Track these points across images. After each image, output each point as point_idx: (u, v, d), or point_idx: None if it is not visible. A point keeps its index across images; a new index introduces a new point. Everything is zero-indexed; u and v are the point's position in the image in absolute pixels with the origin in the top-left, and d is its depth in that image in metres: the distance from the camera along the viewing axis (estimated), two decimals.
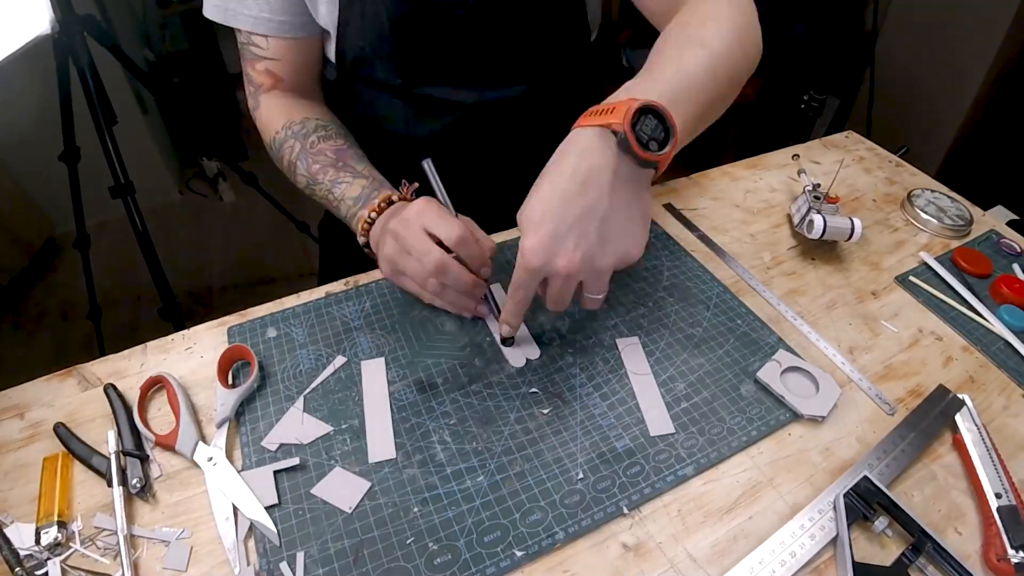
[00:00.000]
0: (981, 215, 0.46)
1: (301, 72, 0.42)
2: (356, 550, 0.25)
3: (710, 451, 0.30)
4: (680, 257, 0.41)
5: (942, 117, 1.10)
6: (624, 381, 0.33)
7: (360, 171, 0.38)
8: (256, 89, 0.42)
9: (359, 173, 0.38)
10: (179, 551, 0.26)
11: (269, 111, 0.42)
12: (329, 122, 0.41)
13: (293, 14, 0.38)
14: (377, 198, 0.36)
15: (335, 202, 0.38)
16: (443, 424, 0.30)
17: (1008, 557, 0.26)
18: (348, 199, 0.37)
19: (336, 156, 0.39)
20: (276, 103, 0.42)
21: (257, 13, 0.38)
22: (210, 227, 1.36)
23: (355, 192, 0.37)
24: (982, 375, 0.34)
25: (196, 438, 0.29)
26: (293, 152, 0.40)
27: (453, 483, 0.28)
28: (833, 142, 0.54)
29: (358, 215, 0.36)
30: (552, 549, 0.26)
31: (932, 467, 0.30)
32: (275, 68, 0.41)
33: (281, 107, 0.41)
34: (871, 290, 0.39)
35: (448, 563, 0.25)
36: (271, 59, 0.40)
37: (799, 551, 0.26)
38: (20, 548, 0.26)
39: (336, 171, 0.38)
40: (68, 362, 0.33)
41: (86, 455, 0.28)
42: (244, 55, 0.41)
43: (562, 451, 0.29)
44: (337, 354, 0.34)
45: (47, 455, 0.29)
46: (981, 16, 0.98)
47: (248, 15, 0.38)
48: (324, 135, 0.40)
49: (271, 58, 0.40)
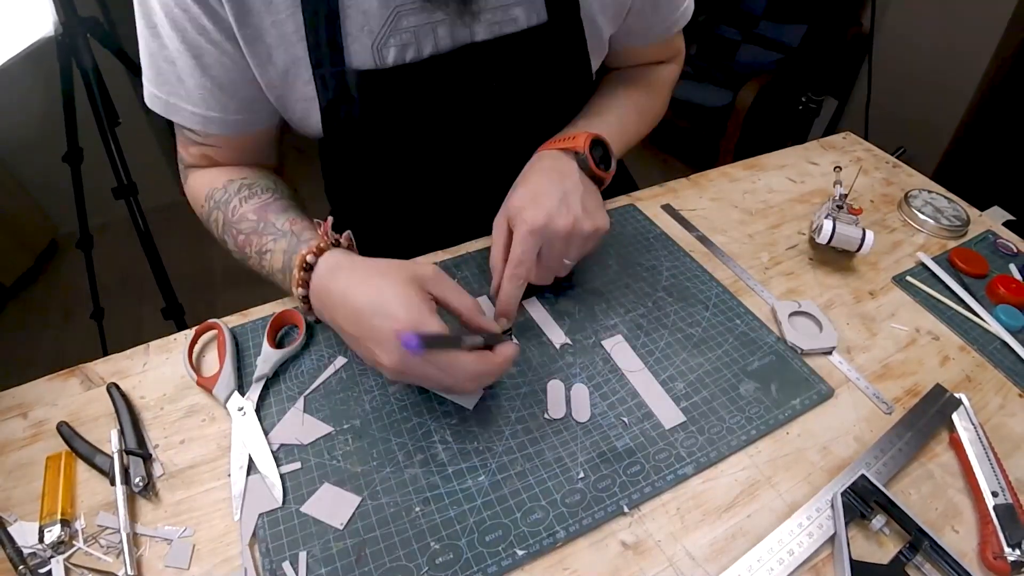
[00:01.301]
0: (978, 215, 0.46)
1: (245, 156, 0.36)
2: (358, 549, 0.26)
3: (709, 450, 0.30)
4: (679, 257, 0.41)
5: (939, 118, 1.11)
6: (624, 380, 0.33)
7: (281, 227, 0.32)
8: (186, 168, 0.37)
9: (280, 231, 0.32)
10: (182, 549, 0.26)
11: (196, 185, 0.36)
12: (256, 179, 0.35)
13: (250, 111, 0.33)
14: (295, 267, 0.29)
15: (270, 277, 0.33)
16: (444, 424, 0.30)
17: (1005, 555, 0.26)
18: (277, 273, 0.32)
19: (258, 217, 0.33)
20: (202, 175, 0.36)
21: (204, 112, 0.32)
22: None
23: (279, 263, 0.31)
24: (979, 374, 0.35)
25: (233, 387, 0.31)
26: (219, 226, 0.34)
27: (454, 482, 0.28)
28: (831, 143, 0.54)
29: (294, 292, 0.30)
30: (553, 548, 0.26)
31: (929, 466, 0.30)
32: (211, 153, 0.36)
33: (206, 176, 0.36)
34: (868, 290, 0.40)
35: (450, 562, 0.25)
36: (208, 146, 0.35)
37: (797, 549, 0.26)
38: (24, 546, 0.26)
39: (259, 237, 0.32)
40: (71, 362, 0.33)
41: (89, 454, 0.29)
42: (177, 133, 0.35)
43: (563, 450, 0.29)
44: (337, 354, 0.34)
45: (50, 454, 0.29)
46: (978, 18, 0.99)
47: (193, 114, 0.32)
48: (247, 195, 0.34)
49: (208, 144, 0.35)
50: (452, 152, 0.40)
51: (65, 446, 0.29)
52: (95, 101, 0.78)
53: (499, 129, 0.39)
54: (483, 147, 0.40)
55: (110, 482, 0.28)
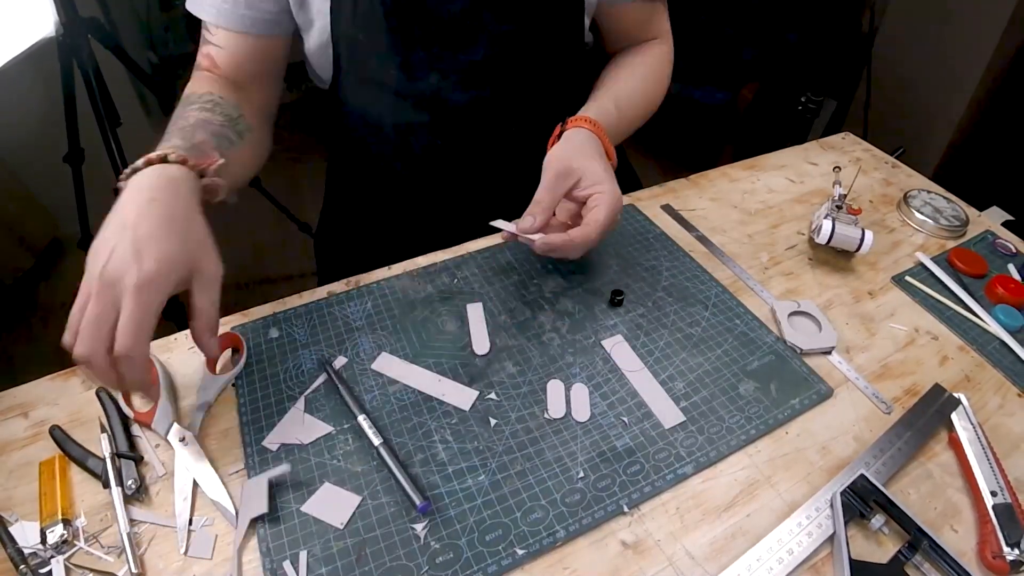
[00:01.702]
0: (977, 216, 0.46)
1: (241, 67, 0.39)
2: (358, 549, 0.26)
3: (709, 450, 0.30)
4: (679, 258, 0.41)
5: (938, 119, 1.11)
6: (624, 380, 0.33)
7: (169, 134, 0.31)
8: (195, 69, 0.40)
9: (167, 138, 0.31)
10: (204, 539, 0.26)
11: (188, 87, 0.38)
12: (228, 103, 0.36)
13: (258, 9, 0.36)
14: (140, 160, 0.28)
15: None
16: (444, 423, 0.31)
17: (1003, 554, 0.26)
18: None
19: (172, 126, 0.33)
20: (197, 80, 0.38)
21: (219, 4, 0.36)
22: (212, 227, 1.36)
23: None
24: (978, 374, 0.35)
25: (172, 418, 0.30)
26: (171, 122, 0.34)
27: (455, 482, 0.28)
28: (830, 143, 0.54)
29: None
30: (553, 547, 0.26)
31: (928, 465, 0.30)
32: (215, 54, 0.38)
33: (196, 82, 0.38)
34: (868, 290, 0.40)
35: (450, 561, 0.25)
36: (215, 46, 0.38)
37: (796, 549, 0.26)
38: (25, 546, 0.26)
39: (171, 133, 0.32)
40: (72, 362, 0.33)
41: (82, 457, 0.29)
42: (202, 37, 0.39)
43: (562, 450, 0.30)
44: (338, 354, 0.34)
45: (43, 460, 0.29)
46: (977, 18, 0.99)
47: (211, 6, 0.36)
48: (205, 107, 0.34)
49: (216, 44, 0.38)
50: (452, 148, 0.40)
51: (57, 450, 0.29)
52: (96, 101, 0.78)
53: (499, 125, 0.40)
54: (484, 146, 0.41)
55: (103, 485, 0.28)
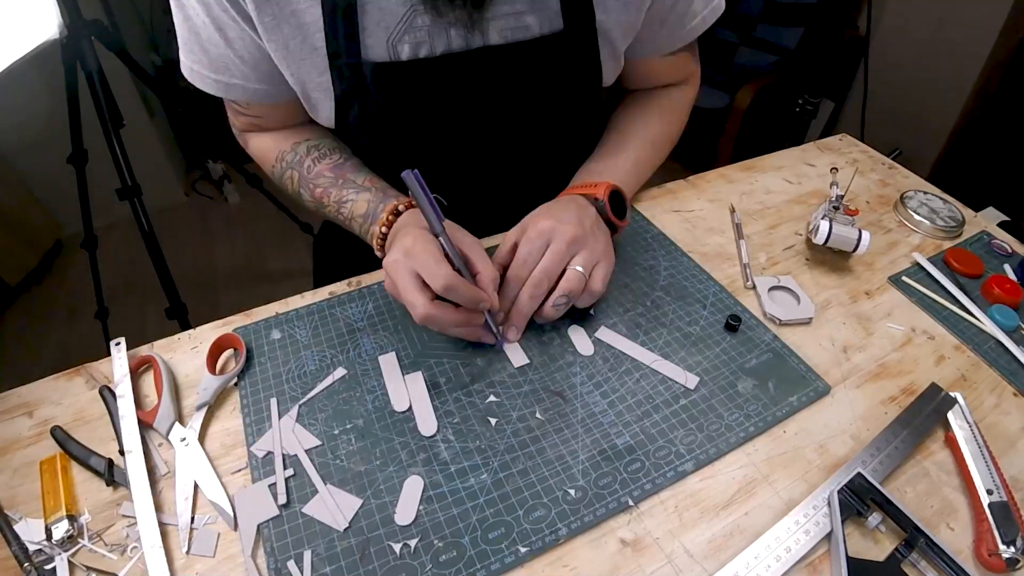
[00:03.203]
0: (973, 216, 0.47)
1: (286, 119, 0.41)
2: (362, 548, 0.26)
3: (708, 447, 0.30)
4: (677, 257, 0.41)
5: (935, 120, 1.12)
6: (624, 379, 0.33)
7: (361, 184, 0.38)
8: (240, 132, 0.43)
9: (361, 187, 0.38)
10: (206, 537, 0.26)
11: (260, 147, 0.41)
12: (319, 139, 0.40)
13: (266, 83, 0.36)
14: (384, 212, 0.36)
15: (347, 222, 0.38)
16: (446, 423, 0.31)
17: (999, 552, 0.26)
18: (357, 217, 0.37)
19: (335, 175, 0.38)
20: (263, 139, 0.41)
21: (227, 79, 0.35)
22: (215, 228, 1.37)
23: (362, 209, 0.37)
24: (974, 374, 0.35)
25: (173, 418, 0.30)
26: (294, 182, 0.40)
27: (457, 481, 0.28)
28: (827, 145, 0.55)
29: (371, 232, 0.36)
30: (556, 545, 0.26)
31: (925, 464, 0.30)
32: (257, 122, 0.40)
33: (269, 140, 0.41)
34: (865, 290, 0.40)
35: (453, 560, 0.26)
36: (251, 116, 0.40)
37: (794, 546, 0.26)
38: (30, 542, 0.26)
39: (338, 190, 0.38)
40: (76, 361, 0.34)
41: (84, 456, 0.29)
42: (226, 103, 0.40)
43: (564, 448, 0.30)
44: (340, 354, 0.34)
45: (43, 459, 0.29)
46: (972, 21, 1.00)
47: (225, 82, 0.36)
48: (318, 155, 0.39)
49: (250, 115, 0.40)
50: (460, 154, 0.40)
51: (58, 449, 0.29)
52: (99, 103, 0.79)
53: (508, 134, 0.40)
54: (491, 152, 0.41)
55: (105, 483, 0.28)
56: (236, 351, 0.34)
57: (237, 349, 0.34)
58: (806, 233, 0.44)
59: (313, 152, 0.39)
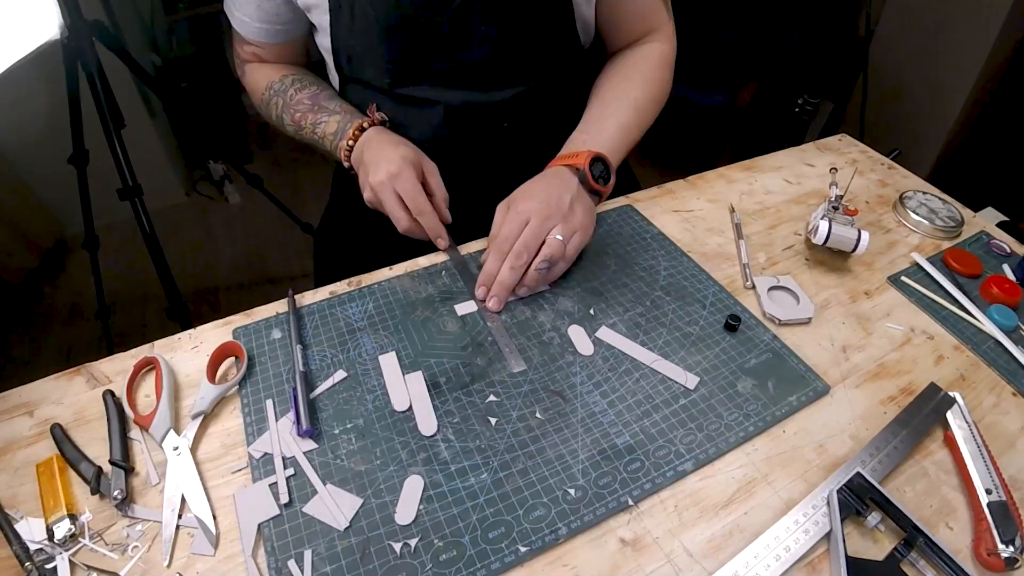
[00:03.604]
0: (972, 216, 0.47)
1: (284, 56, 0.48)
2: (363, 547, 0.26)
3: (708, 447, 0.30)
4: (676, 257, 0.41)
5: (934, 120, 1.12)
6: (624, 379, 0.33)
7: (333, 109, 0.43)
8: (241, 62, 0.49)
9: (332, 111, 0.43)
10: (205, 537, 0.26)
11: (254, 77, 0.48)
12: (303, 74, 0.47)
13: (276, 22, 0.43)
14: (351, 127, 0.41)
15: (319, 140, 0.44)
16: (447, 422, 0.31)
17: (998, 551, 0.26)
18: (328, 135, 0.43)
19: (312, 102, 0.44)
20: (259, 70, 0.48)
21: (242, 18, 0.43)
22: (216, 228, 1.37)
23: (332, 128, 0.42)
24: (973, 373, 0.35)
25: (169, 425, 0.30)
26: (278, 108, 0.45)
27: (457, 480, 0.28)
28: (827, 145, 0.55)
29: (338, 146, 0.42)
30: (555, 544, 0.26)
31: (924, 463, 0.30)
32: (260, 52, 0.47)
33: (263, 71, 0.47)
34: (864, 290, 0.40)
35: (453, 559, 0.26)
36: (256, 46, 0.46)
37: (793, 546, 0.26)
38: (30, 541, 0.26)
39: (314, 114, 0.43)
40: (77, 361, 0.34)
41: (75, 459, 0.28)
42: (234, 34, 0.46)
43: (563, 448, 0.30)
44: (340, 354, 0.34)
45: (39, 462, 0.29)
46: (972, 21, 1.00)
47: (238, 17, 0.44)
48: (299, 86, 0.45)
49: (256, 45, 0.46)
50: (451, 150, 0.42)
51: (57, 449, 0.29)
52: (100, 104, 0.79)
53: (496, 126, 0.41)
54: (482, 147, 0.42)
55: (91, 491, 0.27)
56: (237, 359, 0.34)
57: (239, 357, 0.34)
58: (805, 233, 0.44)
59: (296, 84, 0.45)
